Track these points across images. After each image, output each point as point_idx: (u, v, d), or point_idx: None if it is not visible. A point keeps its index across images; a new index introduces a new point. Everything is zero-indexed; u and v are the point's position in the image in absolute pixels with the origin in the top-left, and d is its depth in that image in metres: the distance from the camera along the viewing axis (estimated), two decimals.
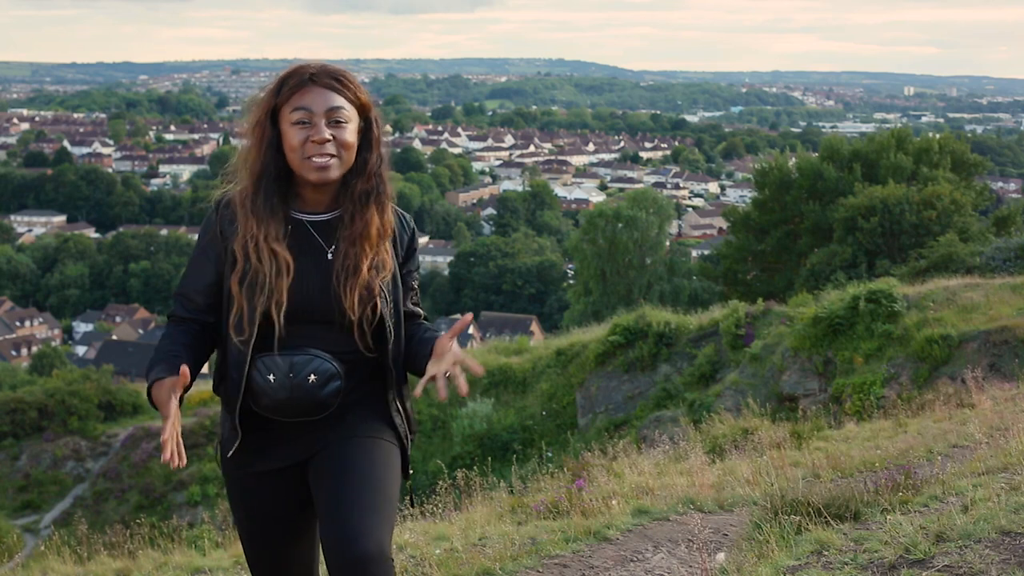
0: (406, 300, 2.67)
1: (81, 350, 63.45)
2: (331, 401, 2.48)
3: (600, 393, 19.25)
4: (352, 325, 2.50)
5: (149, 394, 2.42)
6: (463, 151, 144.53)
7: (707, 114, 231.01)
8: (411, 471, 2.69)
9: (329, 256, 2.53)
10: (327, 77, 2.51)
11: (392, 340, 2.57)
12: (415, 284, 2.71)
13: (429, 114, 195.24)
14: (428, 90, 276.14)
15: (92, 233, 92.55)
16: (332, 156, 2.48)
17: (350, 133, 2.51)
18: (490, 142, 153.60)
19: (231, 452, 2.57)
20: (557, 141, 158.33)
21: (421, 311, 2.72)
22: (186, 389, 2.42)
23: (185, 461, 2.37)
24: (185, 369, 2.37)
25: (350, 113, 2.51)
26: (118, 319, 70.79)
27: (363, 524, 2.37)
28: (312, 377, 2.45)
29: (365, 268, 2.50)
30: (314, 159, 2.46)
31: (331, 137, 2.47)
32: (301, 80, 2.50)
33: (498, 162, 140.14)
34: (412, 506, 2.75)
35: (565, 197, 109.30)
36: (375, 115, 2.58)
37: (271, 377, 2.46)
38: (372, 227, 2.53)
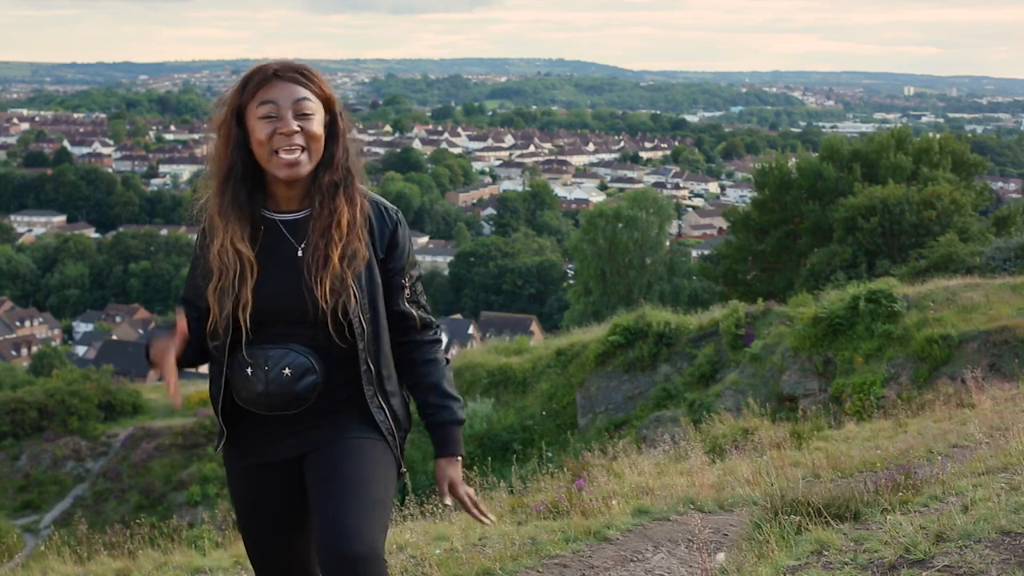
0: (397, 299, 2.62)
1: (81, 350, 63.42)
2: (307, 395, 2.48)
3: (600, 393, 19.25)
4: (325, 316, 2.48)
5: (147, 352, 2.52)
6: (463, 151, 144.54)
7: (707, 114, 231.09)
8: (403, 469, 2.67)
9: (299, 254, 2.53)
10: (291, 71, 2.52)
11: (368, 334, 2.54)
12: (406, 283, 2.64)
13: (429, 114, 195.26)
14: (428, 90, 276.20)
15: (92, 233, 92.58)
16: (301, 149, 2.48)
17: (317, 124, 2.51)
18: (490, 142, 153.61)
19: (219, 447, 2.62)
20: (557, 141, 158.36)
21: (415, 313, 2.65)
22: (186, 360, 2.55)
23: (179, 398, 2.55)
24: (183, 321, 2.48)
25: (315, 105, 2.52)
26: (118, 319, 70.78)
27: (354, 524, 2.37)
28: (287, 371, 2.46)
29: (335, 258, 2.49)
30: (283, 154, 2.46)
31: (299, 129, 2.47)
32: (265, 76, 2.51)
33: (498, 162, 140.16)
34: (403, 505, 2.75)
35: (565, 197, 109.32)
36: (339, 108, 2.59)
37: (248, 370, 2.48)
38: (342, 217, 2.52)
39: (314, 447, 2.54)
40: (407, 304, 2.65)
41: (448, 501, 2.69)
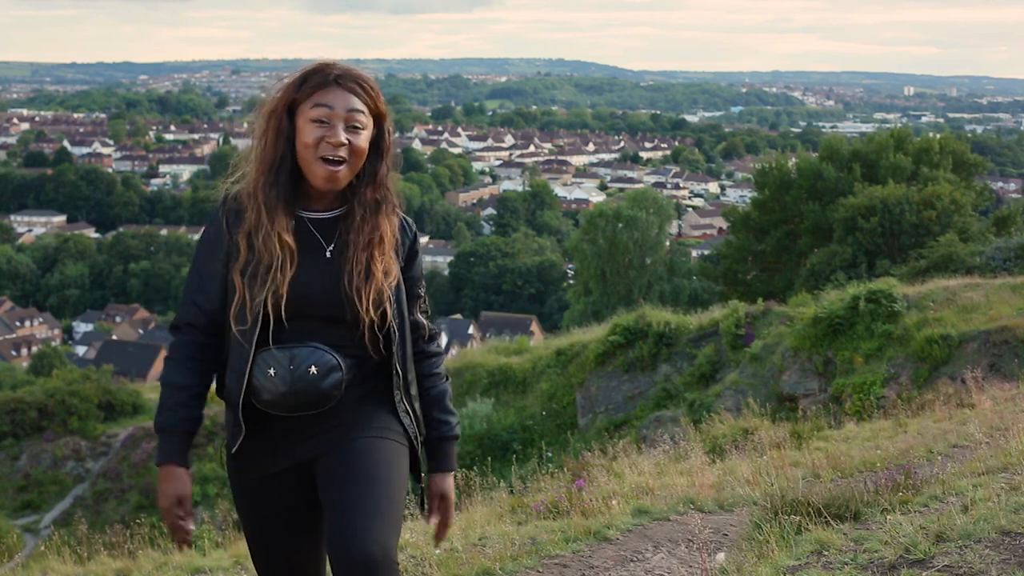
0: (413, 309, 2.66)
1: (81, 350, 63.42)
2: (333, 393, 2.47)
3: (600, 393, 19.25)
4: (364, 328, 2.50)
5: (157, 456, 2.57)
6: (463, 151, 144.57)
7: (707, 114, 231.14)
8: (423, 472, 2.67)
9: (328, 254, 2.52)
10: (351, 81, 2.51)
11: (397, 343, 2.56)
12: (421, 292, 2.69)
13: (429, 114, 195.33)
14: (428, 90, 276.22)
15: (92, 233, 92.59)
16: (343, 162, 2.47)
17: (364, 140, 2.51)
18: (490, 142, 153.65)
19: (236, 447, 2.53)
20: (557, 141, 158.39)
21: (426, 323, 2.70)
22: (195, 430, 2.57)
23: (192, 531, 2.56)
24: (187, 480, 2.53)
25: (367, 119, 2.52)
26: (118, 319, 70.78)
27: (368, 528, 2.34)
28: (313, 369, 2.44)
29: (379, 273, 2.50)
30: (326, 165, 2.46)
31: (346, 141, 2.47)
32: (325, 79, 2.49)
33: (498, 162, 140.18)
34: (423, 509, 2.70)
35: (565, 197, 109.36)
36: (388, 125, 2.59)
37: (271, 371, 2.45)
38: (384, 235, 2.54)
39: (327, 449, 2.52)
40: (420, 314, 2.69)
41: (434, 520, 2.68)
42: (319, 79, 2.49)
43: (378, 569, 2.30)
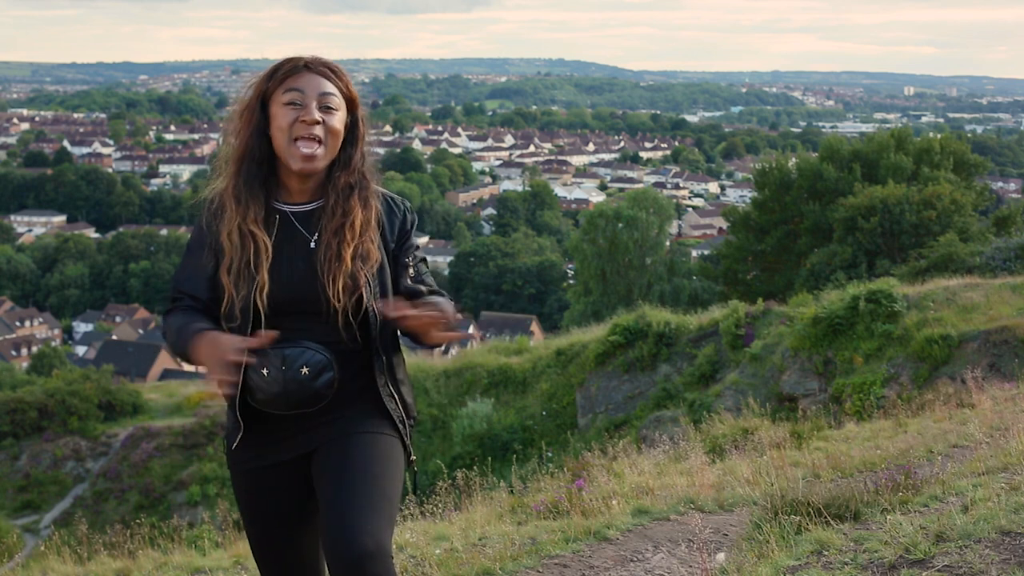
0: (404, 279, 2.63)
1: (81, 350, 63.43)
2: (325, 392, 2.48)
3: (600, 393, 19.25)
4: (337, 315, 2.50)
5: (187, 353, 2.43)
6: (463, 151, 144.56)
7: (707, 114, 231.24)
8: (413, 458, 2.68)
9: (312, 246, 2.53)
10: (320, 65, 2.56)
11: (378, 328, 2.56)
12: (409, 261, 2.63)
13: (429, 114, 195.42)
14: (428, 90, 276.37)
15: (92, 233, 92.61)
16: (319, 143, 2.49)
17: (338, 121, 2.54)
18: (490, 142, 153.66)
19: (235, 444, 2.58)
20: (557, 141, 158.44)
21: (424, 287, 2.62)
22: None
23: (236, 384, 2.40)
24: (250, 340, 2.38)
25: (340, 102, 2.55)
26: (118, 319, 70.77)
27: (362, 522, 2.37)
28: (304, 369, 2.45)
29: (348, 257, 2.50)
30: (301, 147, 2.48)
31: (321, 120, 2.49)
32: (295, 67, 2.54)
33: (498, 162, 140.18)
34: (415, 494, 2.71)
35: (565, 197, 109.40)
36: (361, 112, 2.62)
37: (264, 371, 2.46)
38: (355, 218, 2.54)
39: (323, 443, 2.54)
40: (412, 283, 2.64)
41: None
42: (288, 67, 2.54)
43: (372, 562, 2.32)
